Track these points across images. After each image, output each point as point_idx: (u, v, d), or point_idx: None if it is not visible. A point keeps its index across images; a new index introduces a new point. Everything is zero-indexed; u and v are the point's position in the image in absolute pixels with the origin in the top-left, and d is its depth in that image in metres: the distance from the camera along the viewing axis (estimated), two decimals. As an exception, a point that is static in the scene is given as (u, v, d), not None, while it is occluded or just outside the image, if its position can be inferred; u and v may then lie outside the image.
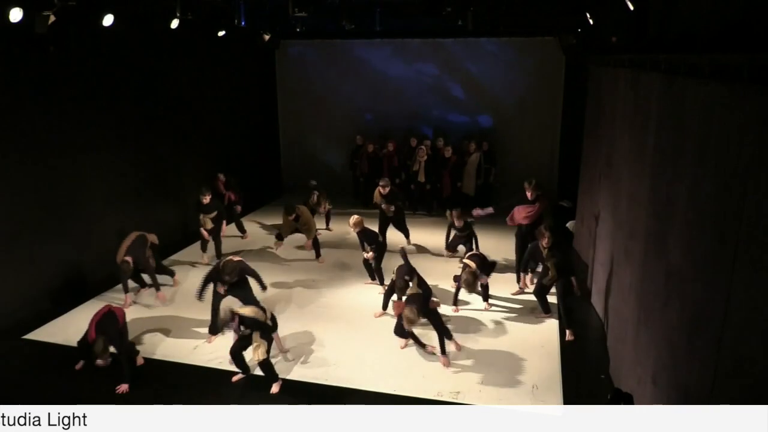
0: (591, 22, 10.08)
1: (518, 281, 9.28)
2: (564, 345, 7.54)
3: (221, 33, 11.39)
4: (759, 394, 3.01)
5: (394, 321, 8.16)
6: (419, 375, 6.85)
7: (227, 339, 7.65)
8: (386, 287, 8.37)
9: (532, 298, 8.54)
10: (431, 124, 14.54)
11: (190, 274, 9.78)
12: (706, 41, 5.08)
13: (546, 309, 8.22)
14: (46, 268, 8.52)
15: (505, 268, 9.91)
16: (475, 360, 7.15)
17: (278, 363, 7.08)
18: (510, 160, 13.81)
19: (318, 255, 10.50)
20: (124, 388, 6.53)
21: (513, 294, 9.08)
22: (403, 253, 8.46)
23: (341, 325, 8.13)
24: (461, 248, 10.13)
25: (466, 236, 9.82)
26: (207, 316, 7.68)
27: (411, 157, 13.50)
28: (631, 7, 7.41)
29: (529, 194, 9.22)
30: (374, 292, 9.19)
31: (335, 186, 14.18)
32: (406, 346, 7.44)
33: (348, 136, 14.53)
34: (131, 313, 8.20)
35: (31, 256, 8.24)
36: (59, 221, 8.73)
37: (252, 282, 7.81)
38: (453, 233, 10.10)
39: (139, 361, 7.06)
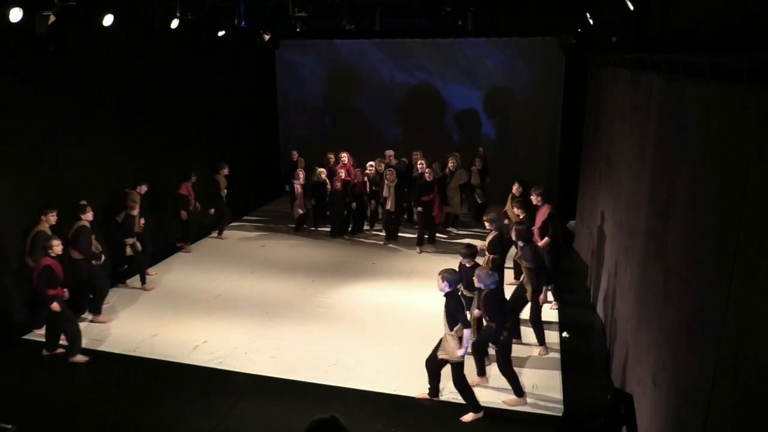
0: (591, 22, 10.08)
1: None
2: (564, 345, 7.54)
3: (221, 33, 11.40)
4: (759, 394, 3.00)
5: (391, 322, 8.18)
6: (419, 375, 6.83)
7: (226, 339, 7.66)
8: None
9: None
10: (428, 123, 14.52)
11: (186, 275, 9.77)
12: (706, 41, 5.08)
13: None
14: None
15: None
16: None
17: (275, 362, 7.10)
18: (510, 160, 13.79)
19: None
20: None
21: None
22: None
23: (341, 325, 8.13)
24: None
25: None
26: (205, 316, 7.61)
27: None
28: (631, 7, 7.42)
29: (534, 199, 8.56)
30: (373, 293, 9.20)
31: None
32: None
33: (348, 136, 14.49)
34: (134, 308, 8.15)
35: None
36: (57, 219, 8.68)
37: None
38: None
39: None
